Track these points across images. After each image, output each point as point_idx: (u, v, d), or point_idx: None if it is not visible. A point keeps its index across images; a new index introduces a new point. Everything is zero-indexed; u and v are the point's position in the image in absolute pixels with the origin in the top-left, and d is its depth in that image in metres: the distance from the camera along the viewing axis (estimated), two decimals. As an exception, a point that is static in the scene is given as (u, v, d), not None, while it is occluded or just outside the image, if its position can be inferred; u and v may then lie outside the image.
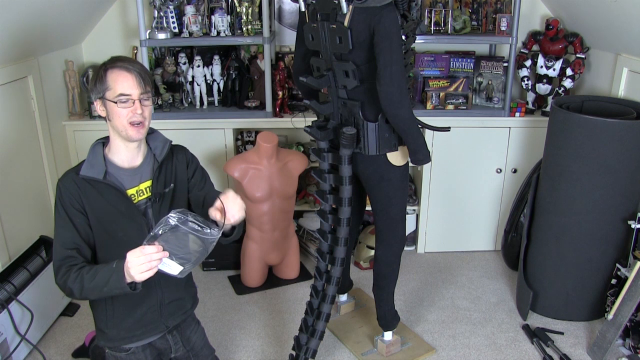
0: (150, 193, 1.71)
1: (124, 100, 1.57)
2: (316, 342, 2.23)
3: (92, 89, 1.62)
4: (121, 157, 1.67)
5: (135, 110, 1.59)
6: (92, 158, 1.65)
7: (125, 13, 3.29)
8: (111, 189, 1.63)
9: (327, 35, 2.04)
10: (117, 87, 1.57)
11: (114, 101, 1.57)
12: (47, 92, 2.87)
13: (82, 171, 1.62)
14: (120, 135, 1.62)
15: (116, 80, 1.57)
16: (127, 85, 1.57)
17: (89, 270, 1.54)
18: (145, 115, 1.61)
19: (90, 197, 1.62)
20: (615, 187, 2.45)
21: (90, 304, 1.79)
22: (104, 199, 1.63)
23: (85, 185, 1.62)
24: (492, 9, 3.17)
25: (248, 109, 3.14)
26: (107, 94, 1.58)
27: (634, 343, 2.41)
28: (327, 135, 2.17)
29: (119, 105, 1.57)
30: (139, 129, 1.61)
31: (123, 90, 1.57)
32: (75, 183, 1.61)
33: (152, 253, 1.40)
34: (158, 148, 1.75)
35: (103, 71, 1.59)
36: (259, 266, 2.97)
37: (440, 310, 2.80)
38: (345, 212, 2.15)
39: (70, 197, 1.61)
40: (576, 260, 2.60)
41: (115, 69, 1.58)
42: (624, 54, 2.76)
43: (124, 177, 1.67)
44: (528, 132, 3.11)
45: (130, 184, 1.68)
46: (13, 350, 2.28)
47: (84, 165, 1.63)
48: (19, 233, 2.57)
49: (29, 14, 2.45)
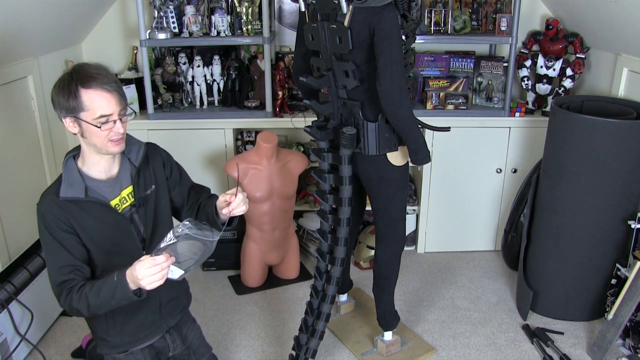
0: (134, 199, 1.68)
1: (105, 122, 1.50)
2: (316, 342, 2.23)
3: (60, 104, 1.49)
4: (98, 170, 1.62)
5: (118, 130, 1.53)
6: (69, 177, 1.58)
7: (125, 13, 3.29)
8: (95, 205, 1.59)
9: (327, 35, 2.04)
10: (96, 108, 1.48)
11: (95, 124, 1.49)
12: (47, 92, 2.87)
13: (61, 193, 1.55)
14: (99, 151, 1.57)
15: (94, 101, 1.48)
16: (107, 106, 1.49)
17: (90, 287, 1.51)
18: (125, 129, 1.56)
19: (76, 216, 1.57)
20: (615, 187, 2.45)
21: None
22: (91, 215, 1.59)
23: (68, 205, 1.56)
24: (492, 9, 3.17)
25: (248, 109, 3.14)
26: (82, 114, 1.49)
27: (634, 343, 2.41)
28: (327, 135, 2.17)
29: (101, 128, 1.50)
30: (119, 142, 1.56)
31: (103, 111, 1.48)
32: (57, 205, 1.55)
33: (162, 262, 1.40)
34: (133, 152, 1.70)
35: (75, 88, 1.47)
36: (259, 266, 2.97)
37: (440, 310, 2.80)
38: (345, 212, 2.15)
39: (56, 219, 1.55)
40: (576, 260, 2.60)
41: (91, 89, 1.47)
42: (624, 54, 2.76)
43: (104, 189, 1.63)
44: (528, 132, 3.11)
45: (112, 194, 1.64)
46: (13, 350, 2.28)
47: (62, 186, 1.56)
48: (19, 233, 2.57)
49: (29, 14, 2.45)
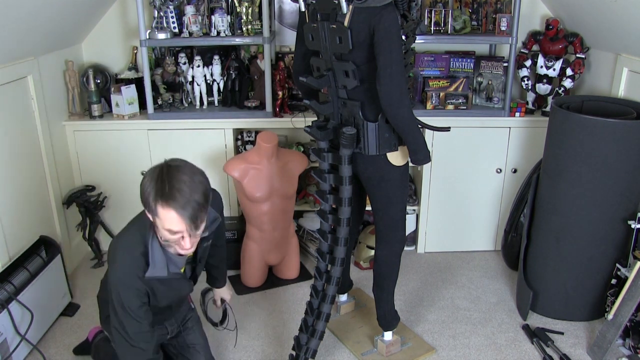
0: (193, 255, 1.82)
1: (172, 233, 1.55)
2: (316, 342, 2.23)
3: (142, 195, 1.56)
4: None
5: (183, 246, 1.57)
6: (154, 256, 1.65)
7: (125, 13, 3.29)
8: (173, 279, 1.73)
9: (327, 35, 2.04)
10: (166, 223, 1.53)
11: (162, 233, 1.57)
12: (47, 92, 2.87)
13: (148, 274, 1.64)
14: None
15: (166, 217, 1.52)
16: (175, 225, 1.53)
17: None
18: (193, 243, 1.60)
19: (154, 288, 1.71)
20: (615, 187, 2.45)
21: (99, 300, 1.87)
22: (165, 285, 1.72)
23: (151, 281, 1.69)
24: (492, 9, 3.17)
25: (248, 109, 3.14)
26: (155, 219, 1.56)
27: (634, 343, 2.41)
28: (327, 135, 2.17)
29: (164, 237, 1.58)
30: (187, 251, 1.63)
31: (171, 227, 1.53)
32: (142, 281, 1.66)
33: None
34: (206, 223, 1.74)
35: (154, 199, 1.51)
36: (259, 266, 2.97)
37: (440, 310, 2.80)
38: (345, 212, 2.15)
39: (139, 292, 1.66)
40: (576, 260, 2.60)
41: (166, 207, 1.50)
42: (624, 54, 2.76)
43: (177, 262, 1.72)
44: (528, 132, 3.11)
45: (182, 264, 1.76)
46: (13, 350, 2.28)
47: (150, 268, 1.64)
48: (19, 233, 2.57)
49: (29, 14, 2.45)
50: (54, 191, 2.90)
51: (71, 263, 3.08)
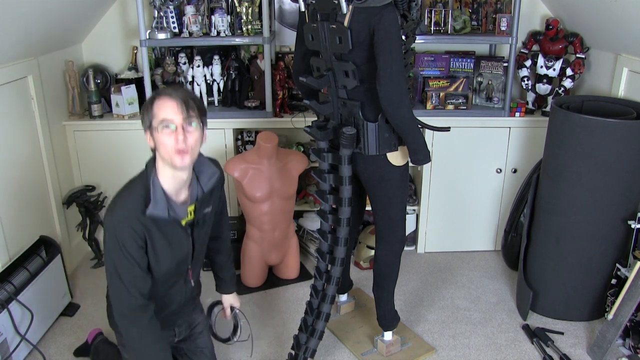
0: (193, 216, 1.77)
1: (166, 126, 1.58)
2: (315, 342, 2.23)
3: (142, 120, 1.66)
4: (169, 186, 1.67)
5: (177, 136, 1.59)
6: (155, 194, 1.64)
7: (125, 13, 3.29)
8: (172, 223, 1.68)
9: (327, 35, 2.04)
10: (160, 113, 1.59)
11: (158, 129, 1.59)
12: (47, 92, 2.87)
13: (149, 210, 1.62)
14: (166, 163, 1.63)
15: (159, 107, 1.59)
16: (169, 111, 1.58)
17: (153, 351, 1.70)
18: (189, 143, 1.60)
19: (153, 234, 1.65)
20: (615, 187, 2.45)
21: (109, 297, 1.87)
22: (164, 234, 1.67)
23: (149, 222, 1.63)
24: (492, 9, 3.17)
25: (248, 109, 3.14)
26: (153, 122, 1.60)
27: (634, 343, 2.41)
28: (327, 135, 2.17)
29: (162, 132, 1.59)
30: (183, 156, 1.61)
31: (165, 115, 1.58)
32: (140, 222, 1.62)
33: None
34: (204, 175, 1.77)
35: (150, 101, 1.62)
36: (259, 266, 2.97)
37: (440, 310, 2.80)
38: (345, 212, 2.15)
39: (135, 234, 1.62)
40: (576, 260, 2.60)
41: (159, 96, 1.61)
42: (624, 54, 2.76)
43: (178, 210, 1.70)
44: (528, 132, 3.11)
45: (183, 215, 1.73)
46: (13, 350, 2.28)
47: (151, 205, 1.62)
48: (19, 233, 2.57)
49: (29, 14, 2.45)
50: (54, 191, 2.90)
51: (71, 263, 3.08)
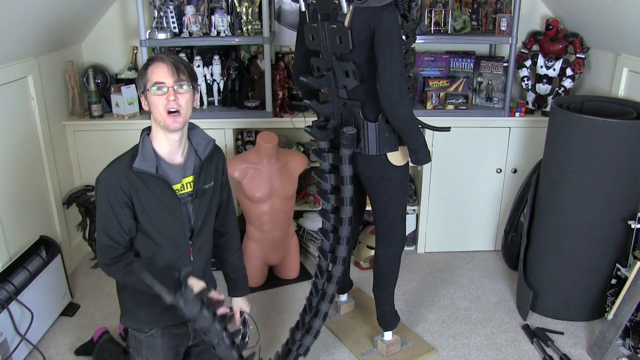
0: (192, 188, 1.78)
1: (159, 88, 1.65)
2: (310, 340, 2.21)
3: (137, 85, 1.73)
4: (162, 149, 1.72)
5: (169, 97, 1.65)
6: (144, 150, 1.69)
7: (125, 13, 3.29)
8: (161, 183, 1.70)
9: (327, 35, 2.04)
10: (152, 76, 1.67)
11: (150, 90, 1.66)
12: (47, 92, 2.87)
13: (135, 164, 1.66)
14: (160, 125, 1.68)
15: (152, 71, 1.67)
16: (161, 74, 1.66)
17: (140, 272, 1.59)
18: (180, 103, 1.67)
19: (139, 190, 1.67)
20: (615, 187, 2.45)
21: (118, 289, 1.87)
22: (152, 192, 1.69)
23: (135, 178, 1.66)
24: (492, 9, 3.17)
25: (248, 109, 3.14)
26: (147, 85, 1.68)
27: (634, 343, 2.41)
28: (327, 135, 2.17)
29: (154, 94, 1.65)
30: (175, 117, 1.66)
31: (157, 78, 1.65)
32: (126, 177, 1.66)
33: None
34: (200, 145, 1.82)
35: (144, 67, 1.70)
36: (259, 266, 2.97)
37: (440, 310, 2.80)
38: (347, 212, 2.14)
39: (119, 190, 1.65)
40: (576, 260, 2.60)
41: (152, 61, 1.69)
42: (624, 54, 2.76)
43: (169, 172, 1.73)
44: (528, 132, 3.11)
45: (176, 179, 1.74)
46: (13, 350, 2.28)
47: (138, 158, 1.67)
48: (19, 233, 2.57)
49: (29, 14, 2.45)
50: (54, 191, 2.90)
51: (71, 263, 3.07)
